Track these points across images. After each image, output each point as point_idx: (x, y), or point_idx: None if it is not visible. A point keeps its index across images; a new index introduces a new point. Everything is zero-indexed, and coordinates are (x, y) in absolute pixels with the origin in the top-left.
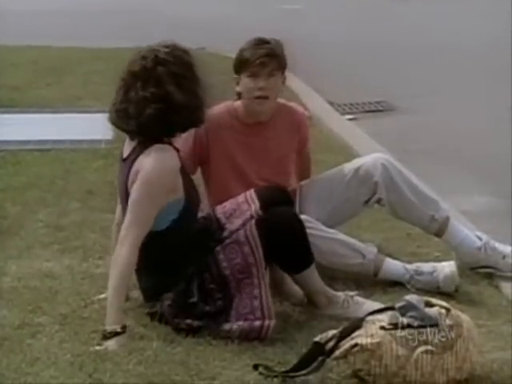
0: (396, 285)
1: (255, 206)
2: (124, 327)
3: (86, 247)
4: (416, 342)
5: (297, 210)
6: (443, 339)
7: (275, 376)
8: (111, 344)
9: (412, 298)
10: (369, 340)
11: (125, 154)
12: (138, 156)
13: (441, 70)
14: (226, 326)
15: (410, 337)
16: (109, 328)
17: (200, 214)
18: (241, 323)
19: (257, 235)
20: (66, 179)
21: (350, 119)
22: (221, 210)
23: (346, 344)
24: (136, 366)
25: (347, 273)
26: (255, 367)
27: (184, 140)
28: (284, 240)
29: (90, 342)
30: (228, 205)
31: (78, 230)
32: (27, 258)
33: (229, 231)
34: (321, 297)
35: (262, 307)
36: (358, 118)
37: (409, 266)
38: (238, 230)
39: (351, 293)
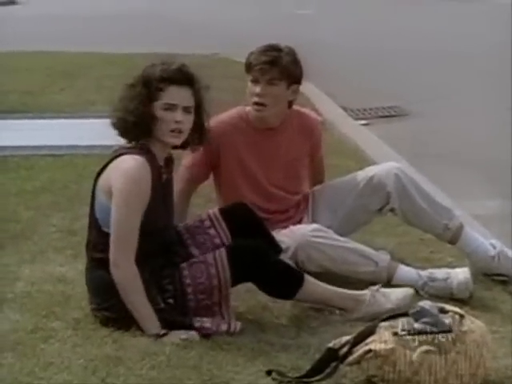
0: None
1: (223, 231)
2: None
3: None
4: (429, 348)
5: (309, 216)
6: (457, 345)
7: (288, 382)
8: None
9: (426, 303)
10: (382, 346)
11: None
12: (115, 157)
13: (453, 74)
14: (197, 324)
15: (423, 343)
16: (154, 332)
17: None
18: (209, 321)
19: (226, 260)
20: (78, 184)
21: (363, 124)
22: (183, 225)
23: (360, 350)
24: (149, 370)
25: (360, 278)
26: (268, 373)
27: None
28: (258, 270)
29: (103, 347)
30: (190, 222)
31: None
32: (40, 262)
33: (196, 252)
34: (342, 301)
35: (224, 317)
36: (371, 123)
37: (422, 273)
38: (206, 251)
39: (375, 287)
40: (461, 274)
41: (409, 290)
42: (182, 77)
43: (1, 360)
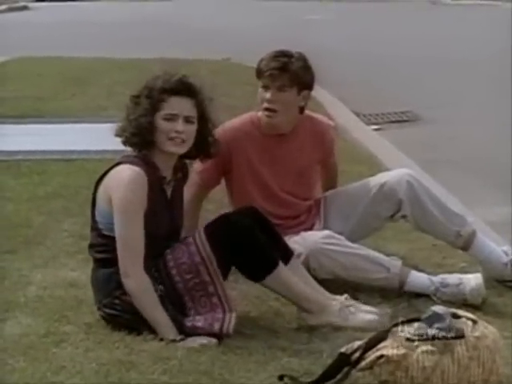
0: (422, 296)
1: None
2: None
3: None
4: (442, 354)
5: (321, 221)
6: (470, 351)
7: None
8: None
9: (439, 308)
10: (395, 351)
11: None
12: (115, 165)
13: (462, 79)
14: (188, 323)
15: (435, 348)
16: (171, 338)
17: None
18: (202, 320)
19: (204, 235)
20: (90, 189)
21: (376, 129)
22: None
23: (372, 355)
24: (161, 375)
25: (372, 285)
26: (280, 378)
27: None
28: (234, 245)
29: (115, 351)
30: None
31: None
32: (52, 267)
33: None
34: (307, 303)
35: (222, 303)
36: (384, 128)
37: (434, 278)
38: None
39: (348, 302)
40: (473, 280)
41: (376, 316)
42: (183, 87)
43: (13, 364)
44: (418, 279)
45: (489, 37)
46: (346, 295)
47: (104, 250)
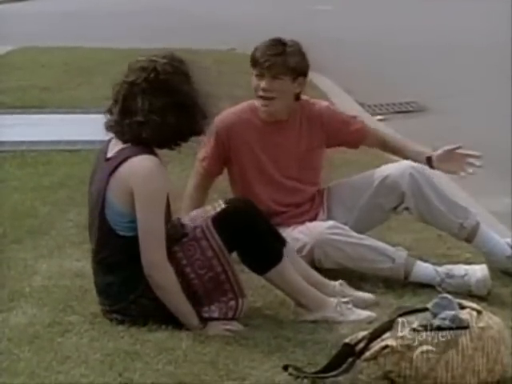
0: (427, 287)
1: (220, 207)
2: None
3: None
4: (446, 344)
5: (325, 211)
6: (474, 342)
7: (305, 377)
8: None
9: (445, 296)
10: (399, 342)
11: (109, 155)
12: (124, 160)
13: (468, 69)
14: (205, 314)
15: (440, 339)
16: (196, 326)
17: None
18: (217, 311)
19: (213, 229)
20: None
21: (380, 120)
22: (187, 217)
23: (377, 345)
24: (166, 365)
25: (377, 275)
26: (285, 368)
27: (206, 140)
28: (240, 236)
29: (120, 341)
30: (194, 212)
31: None
32: (57, 257)
33: (189, 229)
34: (306, 299)
35: (233, 290)
36: (389, 118)
37: (440, 269)
38: (195, 227)
39: (344, 299)
40: (479, 271)
41: (373, 313)
42: None
43: (18, 353)
44: (424, 270)
45: (491, 26)
46: (340, 281)
47: (117, 252)
